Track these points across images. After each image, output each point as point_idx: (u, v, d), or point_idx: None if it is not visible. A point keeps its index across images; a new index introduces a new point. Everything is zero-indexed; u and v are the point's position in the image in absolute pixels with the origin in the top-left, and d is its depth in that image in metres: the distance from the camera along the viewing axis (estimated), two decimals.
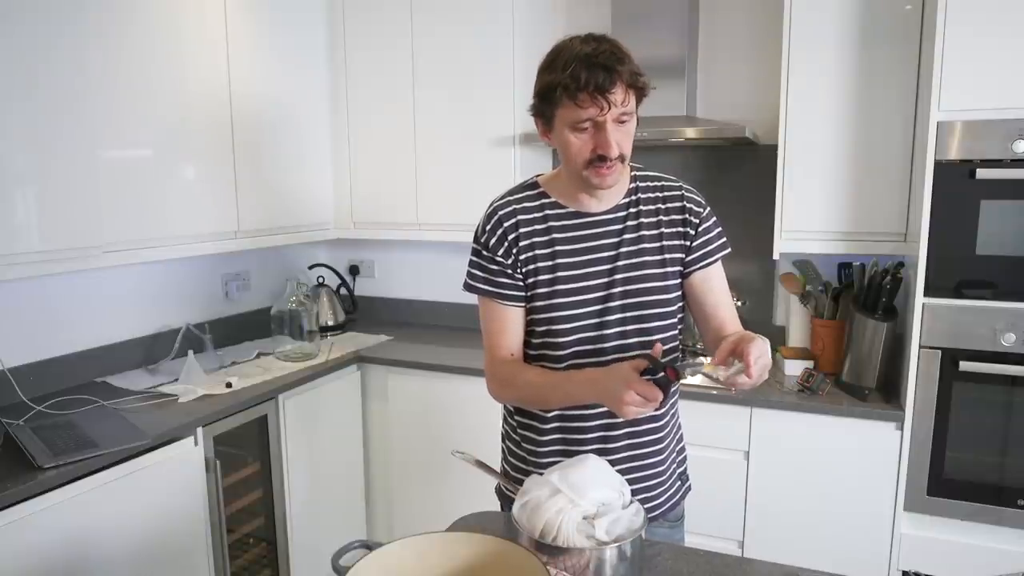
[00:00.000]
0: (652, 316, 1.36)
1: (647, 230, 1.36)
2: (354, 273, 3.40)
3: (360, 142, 2.95)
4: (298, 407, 2.46)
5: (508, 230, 1.35)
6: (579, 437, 1.38)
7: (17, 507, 1.59)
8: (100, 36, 2.00)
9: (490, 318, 1.39)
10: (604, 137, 1.22)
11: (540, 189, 1.39)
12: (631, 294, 1.34)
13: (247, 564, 2.39)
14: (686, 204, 1.39)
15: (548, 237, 1.35)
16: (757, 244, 2.59)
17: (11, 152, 1.79)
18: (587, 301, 1.34)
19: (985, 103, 1.87)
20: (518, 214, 1.36)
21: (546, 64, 1.25)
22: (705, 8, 2.62)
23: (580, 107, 1.20)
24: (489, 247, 1.36)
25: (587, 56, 1.18)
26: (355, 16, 2.87)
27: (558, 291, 1.34)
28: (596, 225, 1.35)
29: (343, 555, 1.08)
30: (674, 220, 1.38)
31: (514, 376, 1.37)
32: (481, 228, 1.38)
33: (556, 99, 1.22)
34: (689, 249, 1.38)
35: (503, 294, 1.36)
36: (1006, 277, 1.90)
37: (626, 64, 1.20)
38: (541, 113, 1.28)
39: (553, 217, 1.36)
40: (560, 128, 1.25)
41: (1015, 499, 1.95)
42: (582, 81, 1.17)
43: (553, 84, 1.21)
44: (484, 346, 1.42)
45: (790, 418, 2.16)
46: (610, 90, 1.18)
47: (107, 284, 2.40)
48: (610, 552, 1.03)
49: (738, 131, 2.29)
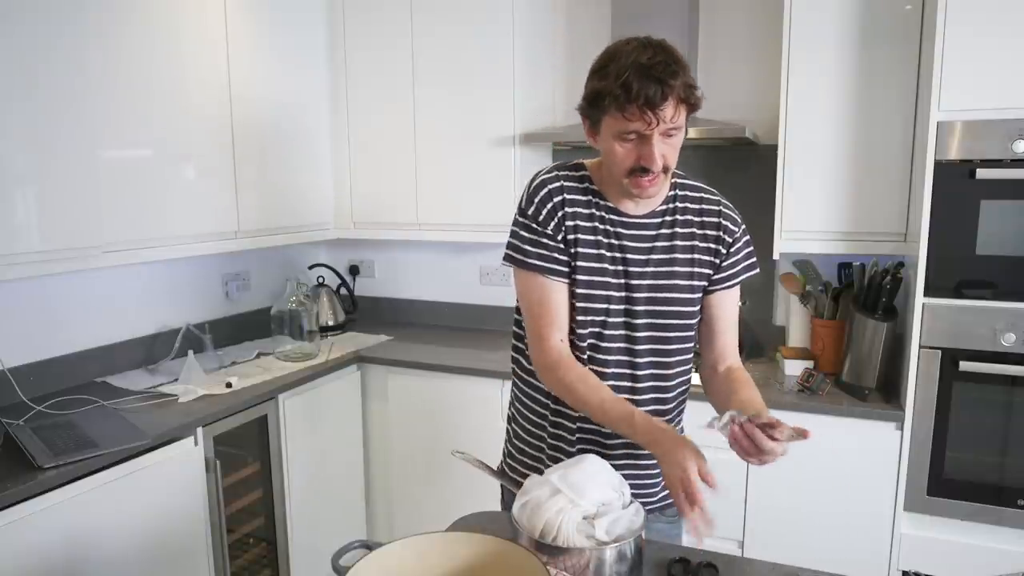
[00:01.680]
0: (673, 327, 1.34)
1: (681, 240, 1.34)
2: (354, 273, 3.40)
3: (360, 142, 2.95)
4: (298, 407, 2.46)
5: (558, 205, 1.30)
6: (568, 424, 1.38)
7: (17, 507, 1.59)
8: (100, 36, 2.00)
9: (540, 297, 1.31)
10: (649, 150, 1.18)
11: (586, 173, 1.34)
12: (656, 301, 1.32)
13: (247, 564, 2.39)
14: (722, 221, 1.37)
15: (592, 224, 1.31)
16: (757, 244, 2.54)
17: (11, 152, 1.79)
18: (614, 299, 1.31)
19: (985, 103, 1.87)
20: (566, 191, 1.32)
21: (598, 67, 1.21)
22: (705, 8, 2.62)
23: (628, 119, 1.16)
24: (539, 220, 1.30)
25: (641, 67, 1.13)
26: (355, 16, 2.87)
27: (595, 282, 1.30)
28: (631, 227, 1.32)
29: (343, 555, 1.08)
30: (708, 235, 1.36)
31: (575, 385, 1.28)
32: (528, 199, 1.32)
33: (604, 107, 1.18)
34: (718, 267, 1.37)
35: (556, 269, 1.30)
36: (1006, 277, 1.90)
37: (680, 78, 1.15)
38: (588, 116, 1.25)
39: (595, 205, 1.32)
40: (606, 135, 1.23)
41: (1015, 499, 1.95)
42: (633, 93, 1.13)
43: (603, 92, 1.17)
44: (528, 326, 1.35)
45: (790, 418, 2.12)
46: (660, 105, 1.14)
47: (107, 284, 2.40)
48: (610, 552, 1.03)
49: (738, 131, 2.29)
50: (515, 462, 1.49)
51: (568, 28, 2.84)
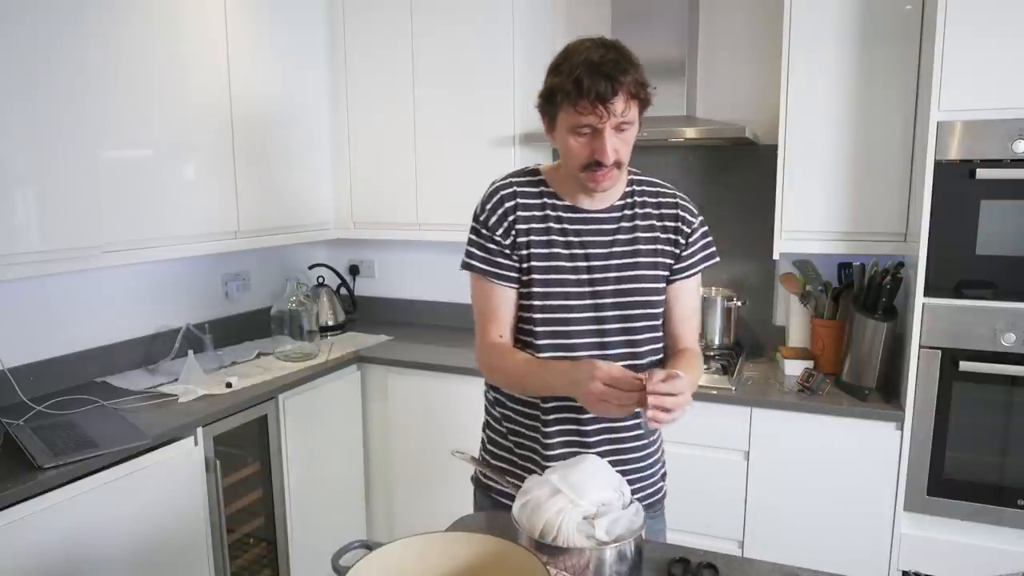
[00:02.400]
0: (640, 316, 1.38)
1: (642, 232, 1.38)
2: (354, 273, 3.40)
3: (360, 142, 2.95)
4: (298, 407, 2.46)
5: (508, 211, 1.36)
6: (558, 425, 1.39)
7: (17, 507, 1.59)
8: (100, 36, 2.00)
9: (484, 298, 1.40)
10: (601, 144, 1.24)
11: (541, 177, 1.40)
12: (623, 293, 1.36)
13: (247, 564, 2.39)
14: (680, 212, 1.41)
15: (545, 225, 1.36)
16: (757, 244, 2.59)
17: (11, 152, 1.79)
18: (579, 294, 1.35)
19: (985, 103, 1.87)
20: (519, 196, 1.37)
21: (553, 65, 1.27)
22: (705, 8, 2.62)
23: (580, 113, 1.22)
24: (488, 226, 1.37)
25: (593, 64, 1.19)
26: (355, 16, 2.87)
27: (551, 280, 1.35)
28: (591, 222, 1.37)
29: (343, 555, 1.08)
30: (667, 227, 1.40)
31: (501, 359, 1.37)
32: (481, 207, 1.39)
33: (558, 102, 1.24)
34: (679, 257, 1.41)
35: (499, 274, 1.37)
36: (1006, 277, 1.89)
37: (631, 74, 1.21)
38: (546, 112, 1.30)
39: (551, 207, 1.37)
40: (561, 130, 1.28)
41: (1015, 499, 1.95)
42: (584, 88, 1.19)
43: (557, 88, 1.23)
44: (476, 326, 1.42)
45: (790, 418, 2.16)
46: (611, 100, 1.19)
47: (107, 284, 2.40)
48: (610, 552, 1.03)
49: (738, 131, 2.29)
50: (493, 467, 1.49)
51: (568, 28, 2.83)
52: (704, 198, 2.71)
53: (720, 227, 2.68)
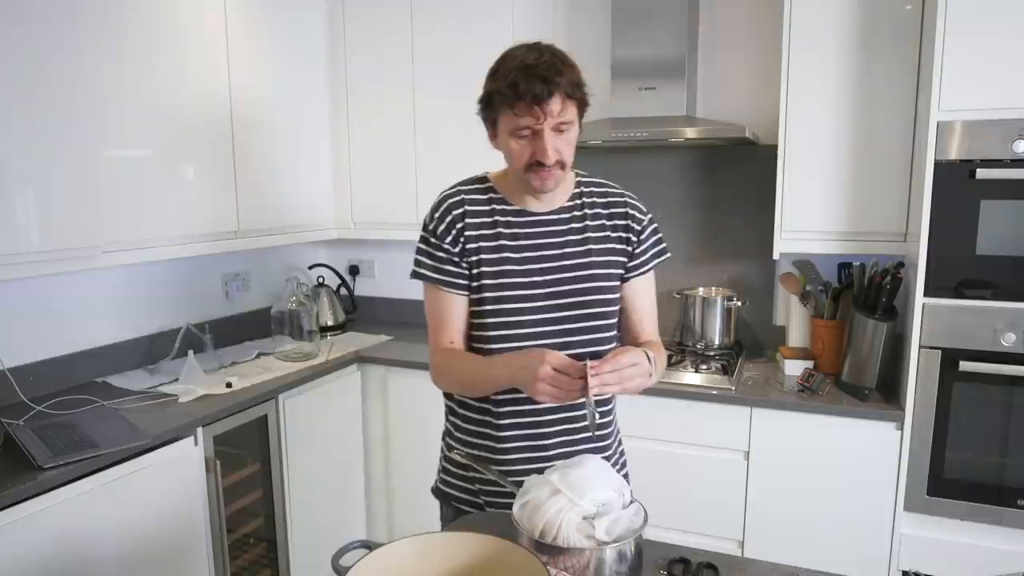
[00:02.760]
0: (596, 315, 1.38)
1: (593, 232, 1.40)
2: (354, 273, 3.40)
3: (360, 142, 2.95)
4: (298, 407, 2.46)
5: (456, 219, 1.37)
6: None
7: (17, 507, 1.59)
8: (100, 36, 2.00)
9: (435, 306, 1.40)
10: (541, 144, 1.26)
11: (489, 184, 1.41)
12: (577, 293, 1.37)
13: (247, 564, 2.39)
14: (629, 211, 1.43)
15: (495, 231, 1.37)
16: (757, 244, 2.59)
17: (11, 152, 1.79)
18: (533, 296, 1.36)
19: (985, 103, 1.87)
20: (467, 204, 1.38)
21: (491, 72, 1.30)
22: (705, 8, 2.62)
23: (518, 116, 1.25)
24: (437, 235, 1.38)
25: (528, 67, 1.22)
26: (355, 16, 2.87)
27: (504, 284, 1.35)
28: (541, 224, 1.38)
29: (343, 555, 1.09)
30: (617, 225, 1.42)
31: (450, 362, 1.38)
32: (430, 216, 1.40)
33: (496, 106, 1.28)
34: (631, 255, 1.42)
35: (449, 281, 1.37)
36: (1006, 277, 1.89)
37: (565, 75, 1.24)
38: (487, 118, 1.33)
39: (500, 212, 1.38)
40: (502, 133, 1.30)
41: (1015, 499, 1.95)
42: (519, 91, 1.22)
43: (494, 92, 1.27)
44: (428, 334, 1.42)
45: (790, 418, 2.16)
46: (547, 100, 1.22)
47: (107, 284, 2.40)
48: (610, 552, 1.03)
49: (738, 131, 2.29)
50: (452, 476, 1.49)
51: (568, 27, 2.84)
52: (704, 198, 2.72)
53: (720, 227, 2.70)
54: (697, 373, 2.36)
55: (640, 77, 2.48)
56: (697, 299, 2.61)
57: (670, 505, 2.27)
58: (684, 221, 2.73)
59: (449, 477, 1.49)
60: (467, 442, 1.44)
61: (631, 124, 2.40)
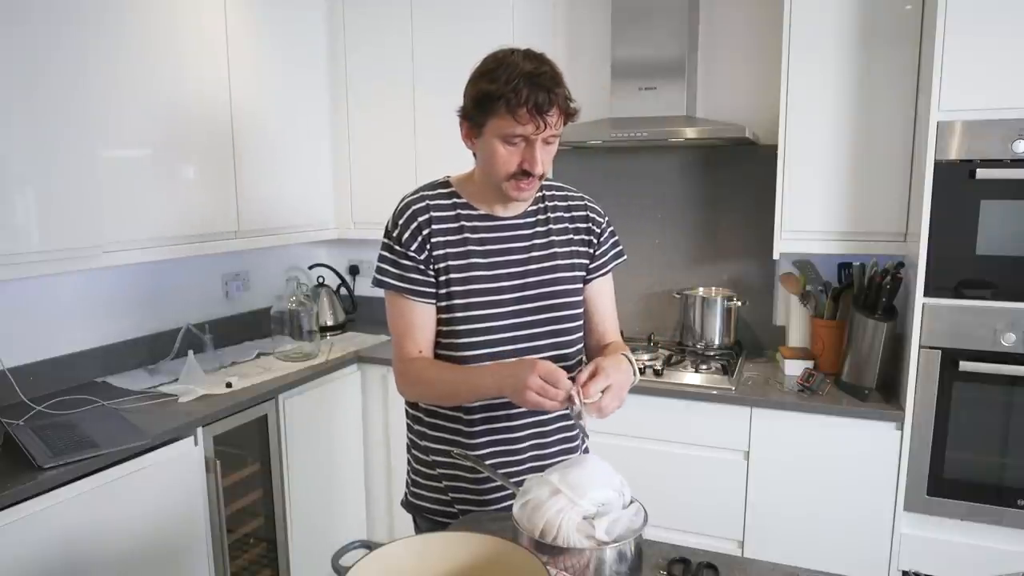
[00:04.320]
0: (564, 318, 1.39)
1: (557, 236, 1.41)
2: (354, 273, 3.40)
3: (360, 141, 2.95)
4: (298, 407, 2.46)
5: (422, 225, 1.34)
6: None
7: (17, 507, 1.58)
8: (99, 36, 2.00)
9: (400, 315, 1.36)
10: (532, 154, 1.25)
11: (452, 188, 1.40)
12: (544, 296, 1.37)
13: (247, 564, 2.39)
14: (589, 214, 1.45)
15: (461, 236, 1.36)
16: (757, 244, 2.59)
17: (11, 152, 1.79)
18: (502, 302, 1.35)
19: (985, 103, 1.87)
20: (432, 210, 1.36)
21: (485, 72, 1.27)
22: (705, 8, 2.62)
23: (518, 122, 1.23)
24: (402, 242, 1.33)
25: (530, 75, 1.21)
26: (355, 15, 2.87)
27: (472, 290, 1.34)
28: (506, 229, 1.38)
29: (343, 555, 1.09)
30: (579, 228, 1.43)
31: (425, 372, 1.35)
32: (393, 222, 1.36)
33: (493, 109, 1.24)
34: (592, 257, 1.44)
35: (415, 290, 1.34)
36: (1006, 277, 1.89)
37: (562, 88, 1.25)
38: (471, 118, 1.31)
39: (465, 217, 1.37)
40: (490, 137, 1.27)
41: (1015, 499, 1.95)
42: (523, 97, 1.20)
43: (494, 94, 1.23)
44: (392, 344, 1.39)
45: (790, 418, 2.16)
46: (548, 111, 1.22)
47: (107, 284, 2.40)
48: (610, 552, 1.03)
49: (738, 131, 2.29)
50: (423, 488, 1.48)
51: (568, 28, 2.84)
52: (704, 198, 2.72)
53: (720, 227, 2.70)
54: (697, 373, 2.36)
55: (640, 77, 2.48)
56: (697, 299, 2.61)
57: (670, 505, 2.27)
58: (684, 221, 2.73)
59: (419, 489, 1.48)
60: (437, 450, 1.43)
61: (631, 124, 2.39)
